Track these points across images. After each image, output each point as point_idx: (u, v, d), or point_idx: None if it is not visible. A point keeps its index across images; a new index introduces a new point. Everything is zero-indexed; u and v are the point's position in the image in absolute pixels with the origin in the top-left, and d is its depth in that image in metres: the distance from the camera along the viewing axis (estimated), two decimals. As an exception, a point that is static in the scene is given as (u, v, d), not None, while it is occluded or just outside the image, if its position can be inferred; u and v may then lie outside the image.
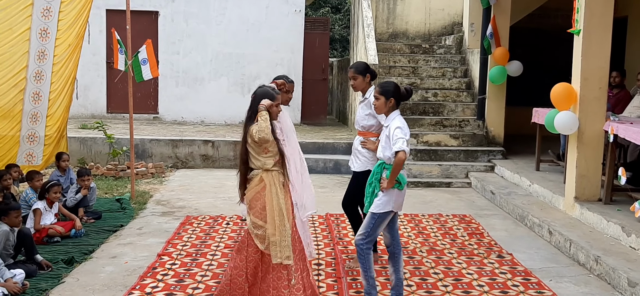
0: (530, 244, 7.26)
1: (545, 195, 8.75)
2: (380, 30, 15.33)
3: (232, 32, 15.53)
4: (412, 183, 10.51)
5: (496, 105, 11.76)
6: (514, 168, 10.38)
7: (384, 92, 5.12)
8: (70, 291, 5.55)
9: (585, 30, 7.53)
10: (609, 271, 5.90)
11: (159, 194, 9.64)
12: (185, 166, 12.10)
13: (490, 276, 6.06)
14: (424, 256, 6.68)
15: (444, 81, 13.26)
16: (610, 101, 9.45)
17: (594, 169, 7.80)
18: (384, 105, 5.13)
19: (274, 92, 5.05)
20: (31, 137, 8.13)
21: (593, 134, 7.70)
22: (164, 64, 15.13)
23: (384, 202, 5.02)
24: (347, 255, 6.62)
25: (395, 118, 5.07)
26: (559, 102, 7.80)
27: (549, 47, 13.90)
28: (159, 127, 14.19)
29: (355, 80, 6.23)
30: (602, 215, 7.13)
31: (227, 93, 15.47)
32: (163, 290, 5.56)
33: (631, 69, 11.48)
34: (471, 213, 8.67)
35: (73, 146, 11.33)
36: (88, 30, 8.49)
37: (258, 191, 4.91)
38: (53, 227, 7.00)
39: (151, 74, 9.13)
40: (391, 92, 5.11)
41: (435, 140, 11.65)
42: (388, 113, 5.15)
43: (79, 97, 14.87)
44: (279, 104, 5.06)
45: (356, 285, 5.71)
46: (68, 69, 8.32)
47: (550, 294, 5.60)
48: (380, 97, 5.12)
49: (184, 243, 7.02)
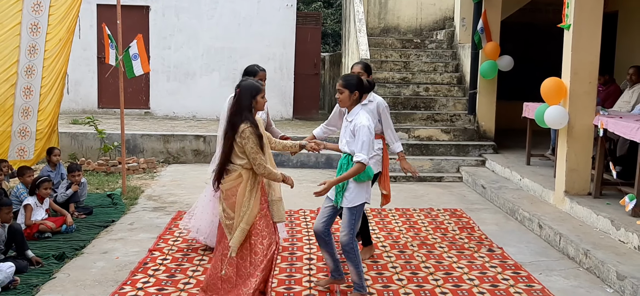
0: (521, 238, 7.30)
1: (535, 189, 8.80)
2: (372, 24, 15.34)
3: (223, 26, 15.50)
4: (404, 178, 10.55)
5: (487, 100, 11.80)
6: (504, 162, 10.43)
7: (348, 85, 5.12)
8: (61, 287, 5.55)
9: (576, 25, 7.57)
10: (598, 264, 5.94)
11: (151, 189, 9.63)
12: (176, 161, 12.09)
13: (480, 270, 6.10)
14: (415, 250, 6.71)
15: (436, 76, 13.28)
16: (600, 95, 9.52)
17: (583, 163, 7.84)
18: (348, 98, 5.12)
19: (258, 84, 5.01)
20: (23, 131, 8.11)
21: (583, 128, 7.74)
22: (155, 59, 15.11)
23: (355, 194, 5.07)
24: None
25: (360, 113, 5.08)
26: (549, 97, 7.83)
27: (540, 42, 13.95)
28: (151, 122, 14.16)
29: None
30: (591, 209, 7.18)
31: (218, 88, 15.43)
32: (154, 285, 5.56)
33: (621, 64, 11.55)
34: (462, 208, 8.70)
35: (64, 141, 11.29)
36: (79, 25, 8.48)
37: (234, 185, 4.83)
38: (44, 223, 6.98)
39: (142, 69, 9.11)
40: (355, 85, 5.11)
41: (426, 134, 11.68)
42: (351, 107, 5.15)
43: (70, 92, 14.84)
44: (264, 95, 5.01)
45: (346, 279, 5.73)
46: (59, 64, 8.30)
47: (540, 287, 5.64)
48: (344, 91, 5.11)
49: (175, 238, 7.02)
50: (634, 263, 5.80)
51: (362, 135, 4.92)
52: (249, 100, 4.81)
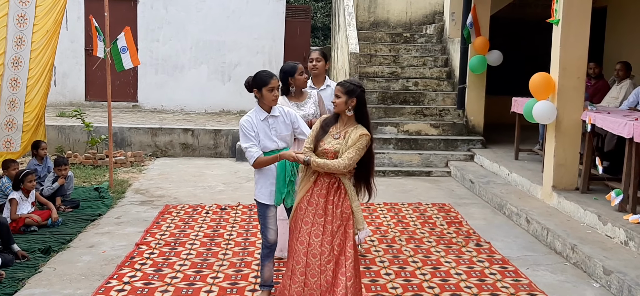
0: (508, 232, 7.32)
1: (523, 184, 8.82)
2: (362, 18, 15.32)
3: (212, 19, 15.42)
4: (393, 172, 10.55)
5: (476, 95, 11.81)
6: (493, 157, 10.45)
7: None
8: (47, 281, 5.51)
9: (564, 20, 7.58)
10: (585, 259, 5.97)
11: (138, 183, 9.58)
12: (164, 155, 12.03)
13: (468, 264, 6.11)
14: (403, 244, 6.71)
15: (425, 70, 13.28)
16: (589, 91, 9.54)
17: (571, 158, 7.87)
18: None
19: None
20: (9, 123, 8.03)
21: (571, 124, 7.76)
22: (143, 52, 15.00)
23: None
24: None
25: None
26: (537, 92, 7.85)
27: (529, 37, 13.97)
28: (138, 115, 14.09)
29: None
30: (579, 204, 7.20)
31: (207, 81, 15.37)
32: (141, 280, 5.53)
33: (610, 59, 11.60)
34: (450, 202, 8.71)
35: (51, 134, 11.22)
36: (66, 16, 8.39)
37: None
38: (30, 216, 6.93)
39: (132, 62, 9.05)
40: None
41: (415, 129, 11.68)
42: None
43: (57, 84, 14.62)
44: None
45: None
46: (46, 56, 8.24)
47: (527, 282, 5.65)
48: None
49: (162, 232, 6.99)
50: (620, 258, 5.83)
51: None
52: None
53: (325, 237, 4.39)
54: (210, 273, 5.73)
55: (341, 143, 4.39)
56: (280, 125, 4.91)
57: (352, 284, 4.33)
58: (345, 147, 4.36)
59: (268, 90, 4.81)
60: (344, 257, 4.38)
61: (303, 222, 4.45)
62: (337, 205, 4.42)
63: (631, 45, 11.54)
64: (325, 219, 4.41)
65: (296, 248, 4.45)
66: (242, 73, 14.97)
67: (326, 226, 4.40)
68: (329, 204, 4.42)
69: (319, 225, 4.41)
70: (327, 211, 4.42)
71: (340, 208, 4.42)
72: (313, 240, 4.39)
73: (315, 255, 4.37)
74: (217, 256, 6.20)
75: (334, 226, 4.40)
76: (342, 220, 4.41)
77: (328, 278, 4.33)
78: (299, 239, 4.43)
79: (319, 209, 4.43)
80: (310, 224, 4.42)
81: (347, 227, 4.43)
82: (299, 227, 4.46)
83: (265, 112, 4.88)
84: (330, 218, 4.41)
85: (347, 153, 4.32)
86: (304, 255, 4.39)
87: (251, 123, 4.82)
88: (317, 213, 4.42)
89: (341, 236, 4.40)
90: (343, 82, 4.49)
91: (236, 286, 5.44)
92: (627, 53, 11.11)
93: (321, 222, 4.41)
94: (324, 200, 4.43)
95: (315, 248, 4.38)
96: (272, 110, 4.90)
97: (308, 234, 4.41)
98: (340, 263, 4.37)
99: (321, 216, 4.41)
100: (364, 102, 4.47)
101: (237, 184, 9.67)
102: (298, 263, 4.41)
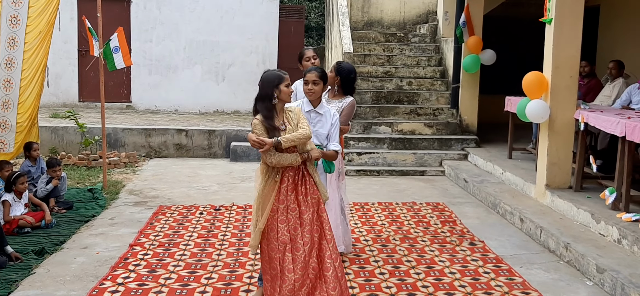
0: (502, 231, 7.33)
1: (517, 183, 8.84)
2: (355, 18, 15.32)
3: (205, 19, 15.41)
4: (387, 172, 10.57)
5: (470, 94, 11.83)
6: (486, 156, 10.47)
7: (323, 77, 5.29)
8: (40, 282, 5.49)
9: (557, 19, 7.60)
10: (578, 257, 5.98)
11: (132, 184, 9.56)
12: (158, 155, 12.01)
13: (462, 263, 6.12)
14: (397, 244, 6.72)
15: (419, 70, 13.29)
16: (582, 90, 9.58)
17: (564, 157, 7.89)
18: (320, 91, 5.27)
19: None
20: (3, 124, 8.00)
21: (564, 122, 7.78)
22: (136, 52, 14.99)
23: None
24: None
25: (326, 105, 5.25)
26: (530, 91, 7.86)
27: (523, 36, 14.01)
28: (132, 116, 14.06)
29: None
30: (572, 203, 7.22)
31: (200, 81, 15.35)
32: (135, 281, 5.52)
33: (603, 58, 11.63)
34: (444, 201, 8.73)
35: (44, 135, 11.18)
36: (59, 17, 8.36)
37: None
38: (23, 218, 6.91)
39: (124, 62, 9.04)
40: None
41: (409, 128, 11.69)
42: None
43: (51, 85, 14.67)
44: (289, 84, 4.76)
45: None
46: (39, 56, 8.22)
47: (521, 281, 5.67)
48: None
49: (156, 233, 6.97)
50: (613, 256, 5.85)
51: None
52: (271, 90, 4.55)
53: (304, 227, 4.47)
54: (205, 274, 5.73)
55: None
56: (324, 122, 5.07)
57: (338, 264, 4.48)
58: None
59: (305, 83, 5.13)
60: (326, 241, 4.51)
61: (279, 222, 4.49)
62: (306, 193, 4.53)
63: (624, 43, 11.59)
64: (299, 210, 4.50)
65: (279, 249, 4.46)
66: (235, 73, 14.98)
67: (302, 216, 4.50)
68: (299, 194, 4.52)
69: (295, 218, 4.49)
70: (299, 202, 4.51)
71: (310, 195, 4.54)
72: (293, 234, 4.47)
73: (299, 248, 4.43)
74: (211, 257, 6.20)
75: (309, 213, 4.50)
76: (314, 205, 4.53)
77: (315, 264, 4.43)
78: (280, 239, 4.46)
79: (290, 203, 4.50)
80: (286, 221, 4.49)
81: (320, 211, 4.56)
82: (276, 227, 4.49)
83: (310, 105, 5.11)
84: (303, 207, 4.51)
85: (304, 122, 4.56)
86: (289, 251, 4.43)
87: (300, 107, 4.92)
88: (290, 208, 4.50)
89: (317, 221, 4.53)
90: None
91: (230, 286, 5.44)
92: (620, 52, 11.15)
93: (296, 214, 4.50)
94: (293, 193, 4.52)
95: (297, 241, 4.45)
96: (319, 106, 5.11)
97: (287, 231, 4.48)
98: (323, 247, 4.50)
99: (294, 209, 4.50)
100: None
101: (231, 184, 9.66)
102: (284, 261, 4.43)
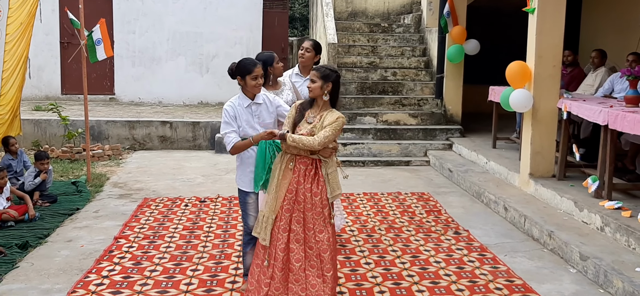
0: (486, 220, 7.38)
1: (501, 172, 8.89)
2: (340, 9, 15.28)
3: (189, 10, 15.30)
4: (372, 162, 10.59)
5: (454, 84, 11.87)
6: (471, 146, 10.52)
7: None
8: (24, 276, 5.45)
9: (540, 9, 7.63)
10: (562, 245, 6.04)
11: (116, 176, 9.51)
12: (142, 148, 11.95)
13: (447, 252, 6.15)
14: (382, 234, 6.74)
15: (403, 60, 13.31)
16: (565, 79, 9.64)
17: (548, 146, 7.95)
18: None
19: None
20: (-16, 116, 7.94)
21: (547, 111, 7.83)
22: (119, 44, 14.88)
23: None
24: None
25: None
26: (513, 80, 7.90)
27: (506, 26, 14.05)
28: (116, 108, 13.96)
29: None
30: (555, 191, 7.28)
31: (184, 73, 15.26)
32: (120, 273, 5.50)
33: (585, 47, 11.71)
34: (429, 191, 8.76)
35: (27, 128, 11.09)
36: (40, 9, 8.30)
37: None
38: (6, 212, 6.84)
39: (105, 53, 8.97)
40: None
41: (394, 119, 11.71)
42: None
43: (33, 77, 14.54)
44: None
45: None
46: (20, 48, 8.14)
47: (505, 269, 5.71)
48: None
49: (141, 225, 6.95)
50: (596, 244, 5.91)
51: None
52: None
53: (307, 224, 4.48)
54: (190, 266, 5.71)
55: (317, 126, 4.47)
56: (263, 112, 4.91)
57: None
58: (320, 130, 4.44)
59: (252, 78, 4.80)
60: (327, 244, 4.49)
61: (284, 210, 4.50)
62: (315, 193, 4.48)
63: (606, 32, 11.67)
64: (304, 206, 4.48)
65: (278, 237, 4.49)
66: (220, 64, 14.90)
67: (306, 213, 4.48)
68: (307, 192, 4.48)
69: (299, 211, 4.49)
70: (306, 199, 4.47)
71: (320, 196, 4.48)
72: (295, 226, 4.48)
73: (299, 240, 4.49)
74: (197, 249, 6.18)
75: (314, 213, 4.47)
76: (319, 206, 4.48)
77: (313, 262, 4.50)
78: (281, 227, 4.50)
79: (298, 196, 4.49)
80: (290, 210, 4.49)
81: (326, 217, 4.50)
82: (281, 215, 4.50)
83: (249, 99, 4.88)
84: (309, 205, 4.47)
85: (323, 132, 4.40)
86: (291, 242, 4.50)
87: (234, 109, 4.81)
88: (296, 201, 4.50)
89: (322, 223, 4.48)
90: (319, 67, 4.59)
91: (216, 278, 5.43)
92: (602, 41, 11.23)
93: (301, 208, 4.49)
94: (302, 187, 4.49)
95: (298, 234, 4.49)
96: (256, 97, 4.90)
97: (289, 221, 4.50)
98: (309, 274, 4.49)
99: (300, 202, 4.49)
100: (338, 87, 4.61)
101: (216, 176, 9.63)
102: (283, 251, 4.47)
